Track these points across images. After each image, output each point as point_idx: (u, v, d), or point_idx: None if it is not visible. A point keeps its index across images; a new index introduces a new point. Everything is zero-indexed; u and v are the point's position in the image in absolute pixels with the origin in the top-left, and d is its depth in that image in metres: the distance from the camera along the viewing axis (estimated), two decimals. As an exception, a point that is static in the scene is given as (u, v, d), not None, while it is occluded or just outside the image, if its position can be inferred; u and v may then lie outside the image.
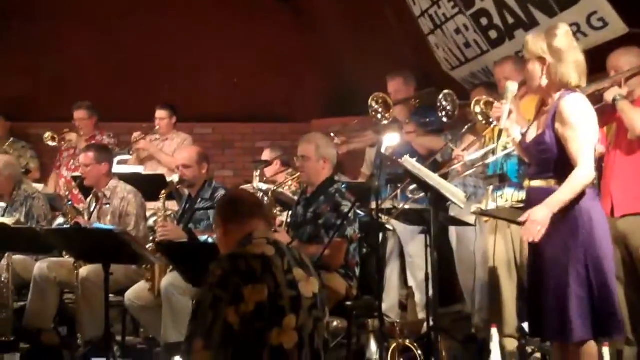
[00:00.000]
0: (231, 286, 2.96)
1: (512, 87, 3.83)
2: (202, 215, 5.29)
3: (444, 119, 5.25)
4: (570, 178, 3.49)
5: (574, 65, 3.57)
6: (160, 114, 7.34)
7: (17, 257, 5.54)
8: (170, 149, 7.22)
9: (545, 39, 3.60)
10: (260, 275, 3.00)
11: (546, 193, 3.56)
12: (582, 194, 3.51)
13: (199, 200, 5.36)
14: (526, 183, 3.79)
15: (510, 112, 3.76)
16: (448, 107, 5.14)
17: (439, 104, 5.16)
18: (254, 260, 3.03)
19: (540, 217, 3.49)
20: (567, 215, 3.51)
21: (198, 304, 3.06)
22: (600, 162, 4.38)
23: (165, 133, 7.37)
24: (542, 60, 3.59)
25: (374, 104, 5.76)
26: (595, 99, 4.18)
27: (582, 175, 3.48)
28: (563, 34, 3.60)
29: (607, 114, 4.34)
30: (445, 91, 5.23)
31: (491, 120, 4.28)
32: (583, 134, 3.50)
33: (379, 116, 5.76)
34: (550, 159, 3.58)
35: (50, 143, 7.42)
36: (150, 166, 7.16)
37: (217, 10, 8.13)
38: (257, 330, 2.96)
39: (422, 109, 6.07)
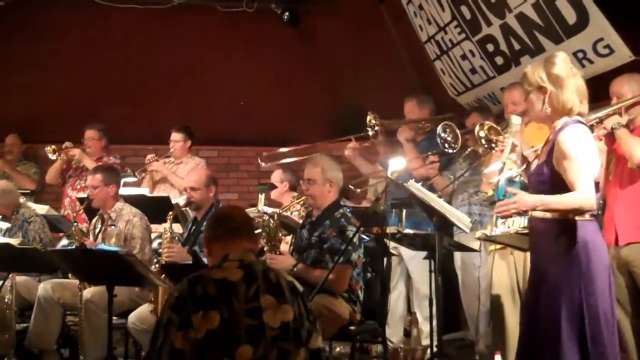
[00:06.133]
0: (183, 311, 2.86)
1: (515, 121, 3.76)
2: (208, 238, 5.27)
3: (448, 151, 5.09)
4: (568, 194, 3.38)
5: (575, 91, 3.52)
6: (175, 136, 7.29)
7: (20, 278, 5.54)
8: (183, 173, 7.08)
9: (543, 68, 3.55)
10: (215, 301, 2.87)
11: (546, 224, 3.51)
12: (584, 228, 3.43)
13: (205, 223, 5.35)
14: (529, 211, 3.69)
15: (514, 147, 3.71)
16: (449, 138, 4.93)
17: (438, 138, 4.92)
18: (211, 285, 2.90)
19: (523, 202, 3.41)
20: (567, 249, 3.43)
21: (156, 324, 3.00)
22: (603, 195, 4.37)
23: (180, 156, 7.31)
24: (542, 89, 3.53)
25: (372, 120, 5.85)
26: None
27: (580, 195, 3.36)
28: (562, 61, 3.55)
29: (606, 142, 4.33)
30: (445, 122, 5.05)
31: (493, 145, 4.18)
32: (580, 164, 3.40)
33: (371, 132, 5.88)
34: (545, 192, 3.48)
35: (51, 156, 7.34)
36: (163, 189, 7.10)
37: (224, 34, 8.14)
38: (210, 358, 2.84)
39: (430, 139, 5.85)
